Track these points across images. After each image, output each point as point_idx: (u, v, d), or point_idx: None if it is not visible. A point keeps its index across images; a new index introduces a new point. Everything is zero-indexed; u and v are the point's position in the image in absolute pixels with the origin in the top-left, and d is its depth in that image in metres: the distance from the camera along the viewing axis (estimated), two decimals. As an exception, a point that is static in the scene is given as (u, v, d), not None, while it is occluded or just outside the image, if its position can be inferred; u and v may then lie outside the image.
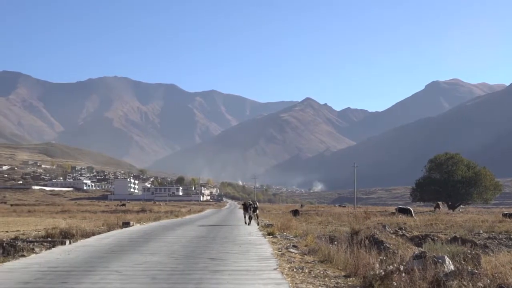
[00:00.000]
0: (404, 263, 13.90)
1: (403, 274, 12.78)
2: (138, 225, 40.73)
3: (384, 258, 15.84)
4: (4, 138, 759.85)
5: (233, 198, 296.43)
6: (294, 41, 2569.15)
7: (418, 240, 30.62)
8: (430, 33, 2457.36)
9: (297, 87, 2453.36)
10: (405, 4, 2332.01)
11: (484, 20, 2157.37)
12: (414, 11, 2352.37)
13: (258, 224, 40.77)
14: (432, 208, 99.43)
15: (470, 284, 12.20)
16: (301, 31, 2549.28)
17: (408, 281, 12.47)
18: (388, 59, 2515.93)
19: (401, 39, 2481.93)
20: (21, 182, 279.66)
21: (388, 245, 24.60)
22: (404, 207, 73.11)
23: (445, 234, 34.61)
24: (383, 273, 12.89)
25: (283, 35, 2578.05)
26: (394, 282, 12.37)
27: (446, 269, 13.52)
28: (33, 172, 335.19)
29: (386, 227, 37.28)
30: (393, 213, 67.23)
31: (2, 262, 17.80)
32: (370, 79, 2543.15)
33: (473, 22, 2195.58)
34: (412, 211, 66.43)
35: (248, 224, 40.61)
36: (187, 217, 65.06)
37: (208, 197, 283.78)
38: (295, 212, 69.21)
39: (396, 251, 20.95)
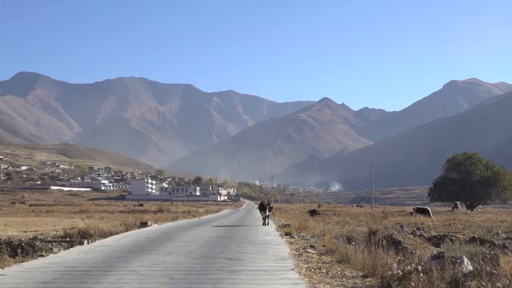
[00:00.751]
0: (422, 263, 13.84)
1: (421, 274, 12.73)
2: (155, 225, 40.81)
3: (402, 258, 15.77)
4: (23, 138, 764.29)
5: (250, 198, 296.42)
6: (312, 41, 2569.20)
7: (436, 240, 30.46)
8: (448, 33, 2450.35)
9: (315, 87, 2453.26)
10: (423, 4, 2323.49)
11: (503, 19, 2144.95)
12: (432, 10, 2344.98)
13: (267, 224, 40.57)
14: (450, 208, 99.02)
15: (489, 285, 12.14)
16: (319, 31, 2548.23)
17: (426, 281, 12.42)
18: (406, 58, 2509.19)
19: (419, 39, 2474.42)
20: (39, 182, 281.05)
21: (406, 245, 24.49)
22: (422, 207, 72.72)
23: (463, 234, 34.40)
24: (401, 273, 12.85)
25: (300, 35, 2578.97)
26: (412, 283, 12.33)
27: (464, 270, 13.45)
28: (51, 172, 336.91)
29: (404, 227, 37.12)
30: (411, 213, 66.97)
31: (21, 262, 17.90)
32: (388, 79, 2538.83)
33: (492, 21, 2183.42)
34: (430, 211, 66.10)
35: (266, 225, 40.23)
36: (205, 217, 65.11)
37: (226, 197, 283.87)
38: (313, 212, 68.95)
39: (414, 251, 20.85)
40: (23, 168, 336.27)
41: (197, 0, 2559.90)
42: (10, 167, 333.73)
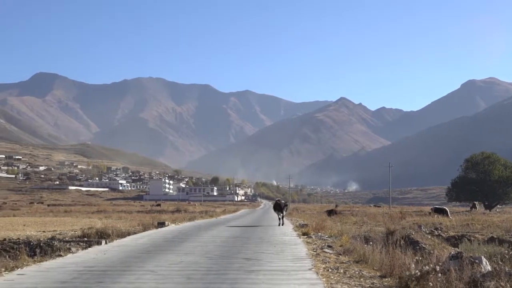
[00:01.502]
0: (440, 264, 13.80)
1: (439, 274, 12.69)
2: (173, 225, 40.90)
3: (420, 258, 15.73)
4: (41, 139, 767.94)
5: (268, 198, 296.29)
6: (329, 41, 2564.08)
7: (454, 241, 30.38)
8: (466, 32, 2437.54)
9: (332, 87, 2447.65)
10: (441, 3, 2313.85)
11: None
12: (450, 9, 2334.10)
13: (283, 224, 39.63)
14: (468, 208, 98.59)
15: (508, 285, 12.08)
16: (335, 31, 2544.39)
17: (444, 281, 12.38)
18: (423, 58, 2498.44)
19: (437, 38, 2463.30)
20: (57, 182, 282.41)
21: (423, 245, 24.42)
22: (439, 207, 72.42)
23: (481, 235, 34.24)
24: (419, 273, 12.80)
25: (317, 35, 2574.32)
26: (430, 283, 12.29)
27: (483, 270, 13.40)
28: (69, 172, 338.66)
29: (422, 227, 36.99)
30: (429, 213, 66.72)
31: (40, 261, 18.00)
32: (405, 79, 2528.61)
33: (509, 20, 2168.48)
34: (448, 211, 65.81)
35: (282, 225, 39.46)
36: (222, 217, 65.22)
37: (243, 197, 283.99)
38: (331, 212, 68.61)
39: (432, 252, 20.79)
40: (41, 168, 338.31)
41: (214, 0, 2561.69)
42: (29, 167, 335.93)
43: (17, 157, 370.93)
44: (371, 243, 22.41)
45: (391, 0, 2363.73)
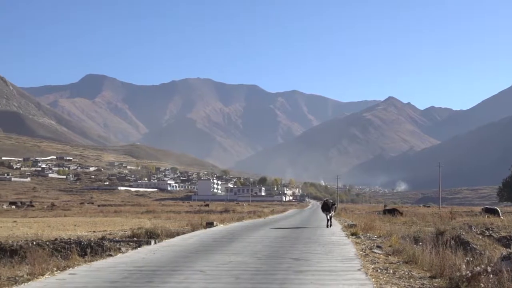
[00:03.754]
0: (491, 264, 13.61)
1: (491, 275, 12.51)
2: (221, 225, 40.99)
3: (471, 259, 15.56)
4: (91, 140, 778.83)
5: (316, 198, 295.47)
6: (377, 41, 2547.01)
7: (506, 241, 29.99)
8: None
9: (380, 86, 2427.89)
10: (490, 3, 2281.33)
11: None
12: (498, 5, 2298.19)
13: (331, 226, 37.79)
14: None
15: (562, 286, 11.87)
16: (384, 31, 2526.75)
17: (496, 282, 12.21)
18: (473, 56, 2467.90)
19: (486, 36, 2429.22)
20: (107, 183, 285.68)
21: (474, 246, 24.17)
22: (491, 207, 71.35)
23: (534, 235, 33.69)
24: (469, 274, 12.65)
25: (364, 35, 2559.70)
26: (481, 284, 12.13)
27: (536, 271, 13.17)
28: (119, 173, 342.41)
29: (472, 228, 36.53)
30: (480, 213, 65.81)
31: (90, 261, 18.19)
32: (454, 77, 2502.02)
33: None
34: (500, 211, 64.81)
35: (330, 226, 37.82)
36: (270, 217, 65.12)
37: (291, 197, 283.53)
38: (392, 211, 66.54)
39: (483, 252, 20.57)
40: (91, 169, 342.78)
41: (261, 1, 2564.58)
42: (79, 168, 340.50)
43: (67, 158, 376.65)
44: (420, 243, 22.24)
45: (441, 1, 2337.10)
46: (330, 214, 38.80)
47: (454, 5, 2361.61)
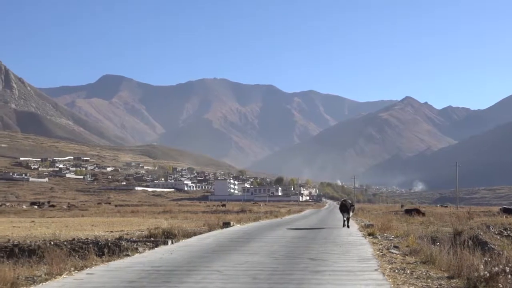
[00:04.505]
0: (510, 265, 13.53)
1: (509, 275, 12.46)
2: (238, 225, 41.03)
3: (489, 259, 15.48)
4: (108, 140, 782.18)
5: (332, 198, 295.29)
6: (393, 42, 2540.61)
7: (524, 241, 29.80)
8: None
9: (396, 86, 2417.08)
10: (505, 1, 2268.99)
11: None
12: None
13: (348, 227, 36.09)
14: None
15: None
16: (400, 32, 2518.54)
17: (514, 283, 12.16)
18: (491, 55, 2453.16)
19: (503, 36, 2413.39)
20: (124, 183, 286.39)
21: (492, 246, 24.06)
22: (509, 207, 71.17)
23: (553, 235, 33.51)
24: (488, 274, 12.59)
25: (381, 35, 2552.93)
26: (499, 284, 12.08)
27: (554, 271, 13.10)
28: (136, 173, 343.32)
29: (490, 228, 36.40)
30: (498, 213, 65.54)
31: (108, 261, 18.28)
32: (472, 77, 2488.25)
33: None
34: (517, 211, 64.50)
35: (348, 227, 36.44)
36: (287, 217, 65.11)
37: (307, 198, 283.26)
38: (416, 212, 65.44)
39: (501, 252, 20.45)
40: (108, 169, 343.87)
41: (277, 1, 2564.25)
42: (96, 168, 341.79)
43: (85, 158, 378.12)
44: (438, 243, 22.18)
45: (457, 2, 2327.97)
46: (348, 216, 37.21)
47: (471, 5, 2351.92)
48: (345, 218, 37.36)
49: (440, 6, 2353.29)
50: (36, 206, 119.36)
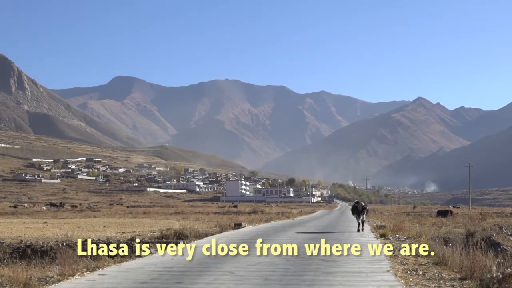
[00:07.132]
0: (523, 266, 13.48)
1: (522, 277, 12.40)
2: (250, 226, 41.05)
3: (502, 260, 15.44)
4: (120, 141, 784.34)
5: (344, 199, 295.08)
6: (404, 42, 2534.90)
7: (537, 242, 29.64)
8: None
9: (408, 87, 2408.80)
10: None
11: None
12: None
13: (362, 230, 33.29)
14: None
15: None
16: (411, 33, 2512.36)
17: (527, 284, 12.10)
18: (503, 56, 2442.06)
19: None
20: (136, 184, 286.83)
21: (505, 247, 23.96)
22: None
23: None
24: (500, 275, 12.55)
25: (393, 36, 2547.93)
26: (512, 286, 12.03)
27: None
28: (148, 174, 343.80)
29: (503, 229, 36.22)
30: (511, 214, 65.27)
31: (120, 262, 18.33)
32: (484, 77, 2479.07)
33: None
34: (530, 212, 64.20)
35: (361, 231, 33.30)
36: (298, 218, 65.07)
37: (319, 198, 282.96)
38: (444, 213, 63.66)
39: (514, 254, 20.35)
40: (120, 170, 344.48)
41: (290, 2, 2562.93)
42: (108, 169, 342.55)
43: (97, 159, 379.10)
44: (450, 244, 22.11)
45: (469, 2, 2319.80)
46: (361, 218, 33.81)
47: (484, 6, 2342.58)
48: (359, 221, 33.99)
49: (453, 7, 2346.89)
50: (54, 207, 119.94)
